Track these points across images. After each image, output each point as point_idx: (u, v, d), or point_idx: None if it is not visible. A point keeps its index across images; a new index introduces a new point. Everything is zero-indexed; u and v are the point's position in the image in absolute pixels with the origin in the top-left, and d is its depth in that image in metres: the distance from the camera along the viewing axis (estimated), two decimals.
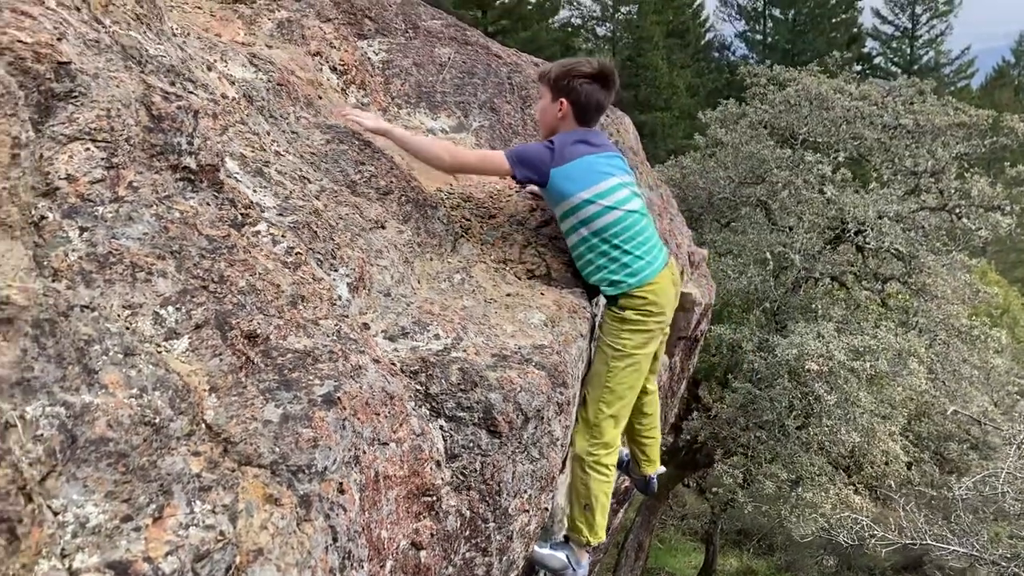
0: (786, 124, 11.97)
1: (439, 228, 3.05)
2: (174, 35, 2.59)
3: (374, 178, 2.96)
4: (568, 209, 2.99)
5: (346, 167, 2.89)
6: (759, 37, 40.24)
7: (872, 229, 10.61)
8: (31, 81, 1.68)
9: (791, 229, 11.36)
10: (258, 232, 2.00)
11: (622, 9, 36.92)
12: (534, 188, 3.28)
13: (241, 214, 1.98)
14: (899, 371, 9.42)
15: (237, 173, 2.14)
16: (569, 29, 36.93)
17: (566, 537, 3.16)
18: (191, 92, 2.11)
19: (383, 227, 2.81)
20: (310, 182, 2.52)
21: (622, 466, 3.79)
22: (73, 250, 1.59)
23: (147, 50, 2.09)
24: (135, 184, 1.76)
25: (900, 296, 11.82)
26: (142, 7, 2.42)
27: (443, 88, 4.14)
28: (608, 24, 37.83)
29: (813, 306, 10.91)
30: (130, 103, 1.82)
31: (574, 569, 3.10)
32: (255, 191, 2.15)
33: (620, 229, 2.96)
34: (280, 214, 2.16)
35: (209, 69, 2.57)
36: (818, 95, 11.65)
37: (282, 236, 2.06)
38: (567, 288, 3.04)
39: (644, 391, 3.38)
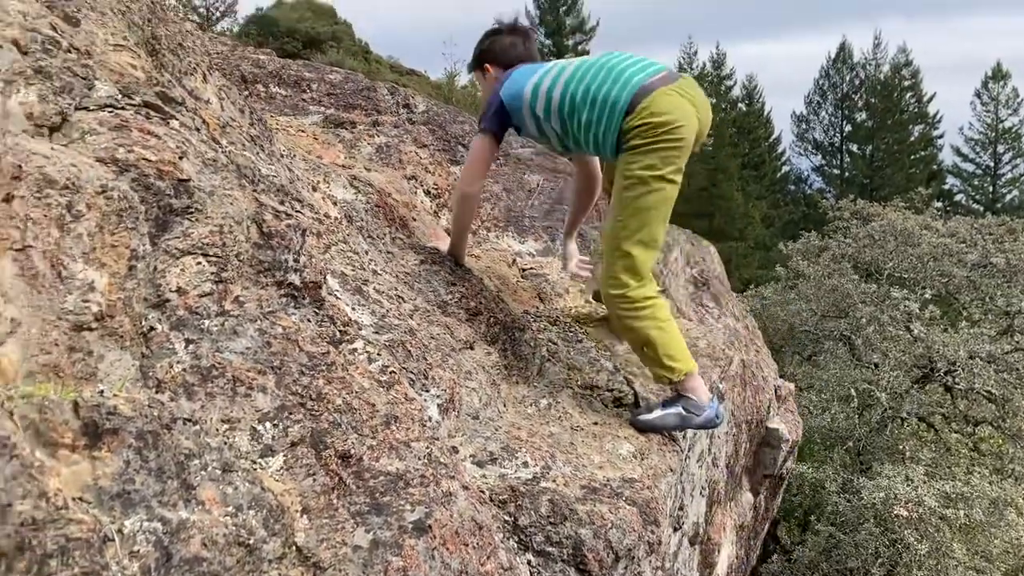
0: (870, 259, 11.79)
1: (526, 351, 3.02)
2: (282, 156, 2.69)
3: (464, 299, 2.97)
4: (531, 109, 2.87)
5: (438, 287, 2.91)
6: (836, 171, 40.37)
7: (962, 369, 10.20)
8: (152, 196, 1.74)
9: (876, 366, 11.00)
10: (355, 350, 2.00)
11: None
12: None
13: (340, 331, 1.98)
14: (995, 521, 8.85)
15: (338, 290, 2.16)
16: None
17: (675, 393, 2.84)
18: (299, 211, 2.17)
19: (472, 348, 2.79)
20: (405, 301, 2.54)
21: None
22: (178, 362, 1.60)
23: (260, 170, 2.17)
24: (241, 299, 1.79)
25: (993, 440, 11.23)
26: (255, 129, 2.53)
27: (531, 213, 4.20)
28: None
29: (900, 447, 10.43)
30: (242, 220, 1.86)
31: (695, 414, 2.80)
32: (354, 309, 2.16)
33: (578, 83, 2.77)
34: (376, 332, 2.16)
35: (314, 189, 2.65)
36: (903, 230, 11.49)
37: (378, 354, 2.04)
38: None
39: None
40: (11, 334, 1.37)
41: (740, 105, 39.54)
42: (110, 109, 1.84)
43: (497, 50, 3.15)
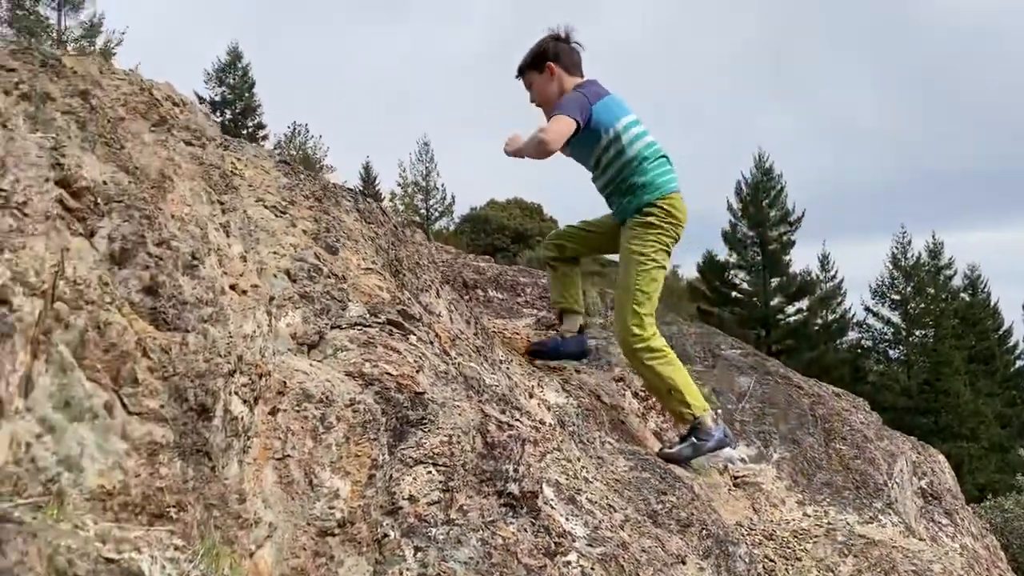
0: None
1: (741, 567, 2.88)
2: (501, 362, 2.85)
3: (675, 509, 2.91)
4: (608, 141, 3.35)
5: (648, 496, 2.88)
6: None
7: None
8: (392, 408, 1.90)
9: None
10: (569, 563, 2.01)
11: (916, 332, 35.47)
12: None
13: (555, 543, 2.01)
14: None
15: (552, 500, 2.20)
16: (858, 350, 35.91)
17: (690, 430, 3.36)
18: (518, 420, 2.27)
19: (683, 562, 2.70)
20: (616, 511, 2.53)
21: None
22: (407, 569, 1.68)
23: (484, 380, 2.31)
24: (465, 508, 1.87)
25: None
26: (479, 339, 2.71)
27: (742, 417, 4.12)
28: (901, 347, 36.33)
29: None
30: (469, 431, 1.98)
31: (704, 440, 3.34)
32: (567, 519, 2.19)
33: (650, 153, 3.38)
34: (590, 544, 2.16)
35: (530, 396, 2.76)
36: None
37: (591, 568, 2.04)
38: None
39: None
40: (268, 538, 1.51)
41: (963, 295, 37.30)
42: (359, 327, 2.06)
43: (563, 54, 3.49)
